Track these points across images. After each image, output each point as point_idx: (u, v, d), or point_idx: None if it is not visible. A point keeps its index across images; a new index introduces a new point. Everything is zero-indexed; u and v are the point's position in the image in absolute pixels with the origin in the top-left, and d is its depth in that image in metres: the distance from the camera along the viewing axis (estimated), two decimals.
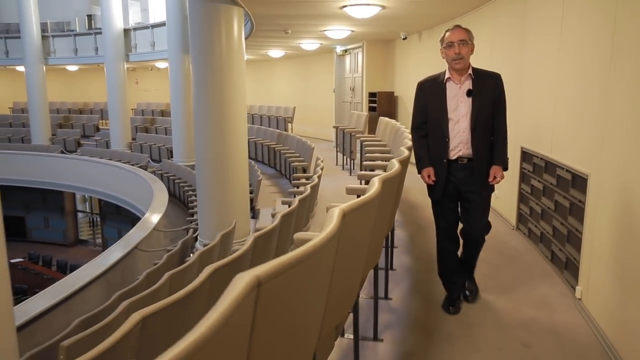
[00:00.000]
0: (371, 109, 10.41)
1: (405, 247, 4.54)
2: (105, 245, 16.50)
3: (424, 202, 6.17)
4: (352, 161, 8.95)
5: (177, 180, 12.44)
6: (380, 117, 7.64)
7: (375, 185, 1.81)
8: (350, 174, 8.73)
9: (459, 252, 3.18)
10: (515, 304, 3.27)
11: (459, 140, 2.89)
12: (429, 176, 2.97)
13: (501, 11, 5.47)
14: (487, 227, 3.11)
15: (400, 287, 3.57)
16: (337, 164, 9.85)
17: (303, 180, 6.95)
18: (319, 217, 6.18)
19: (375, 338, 2.76)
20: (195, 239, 7.67)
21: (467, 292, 3.24)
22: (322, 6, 6.44)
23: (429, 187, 3.05)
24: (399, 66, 10.41)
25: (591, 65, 3.13)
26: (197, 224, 8.47)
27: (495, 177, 2.88)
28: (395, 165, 2.37)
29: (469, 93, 2.85)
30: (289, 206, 5.57)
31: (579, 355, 2.66)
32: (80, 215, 19.26)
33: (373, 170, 4.58)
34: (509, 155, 3.03)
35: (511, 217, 4.96)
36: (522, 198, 4.66)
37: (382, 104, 10.13)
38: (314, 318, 1.27)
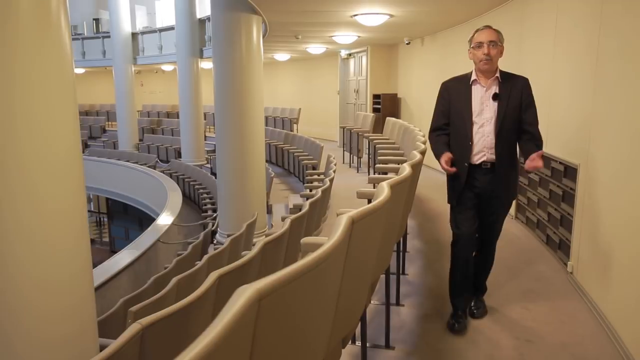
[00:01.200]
0: (375, 110, 10.93)
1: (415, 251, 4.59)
2: (112, 244, 16.91)
3: (433, 196, 6.67)
4: (359, 159, 9.47)
5: (187, 179, 12.89)
6: (387, 117, 8.16)
7: (384, 190, 1.69)
8: (358, 172, 9.24)
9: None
10: (516, 279, 3.77)
11: (483, 144, 2.75)
12: (446, 162, 2.75)
13: (501, 18, 5.99)
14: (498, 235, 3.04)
15: (412, 293, 3.52)
16: (343, 162, 10.36)
17: (315, 177, 7.46)
18: (331, 220, 6.45)
19: (387, 346, 2.68)
20: (213, 232, 8.17)
21: (473, 309, 3.08)
22: (335, 15, 6.95)
23: (449, 190, 2.92)
24: (402, 69, 10.94)
25: (581, 68, 3.62)
26: (212, 219, 8.98)
27: (536, 163, 2.56)
28: (406, 169, 2.22)
29: (495, 97, 2.72)
30: (307, 199, 6.05)
31: (570, 315, 3.17)
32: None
33: (386, 173, 4.45)
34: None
35: (511, 209, 5.47)
36: (520, 190, 5.18)
37: (386, 105, 10.65)
38: (320, 331, 1.22)
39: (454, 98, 2.82)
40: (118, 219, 16.99)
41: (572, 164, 3.76)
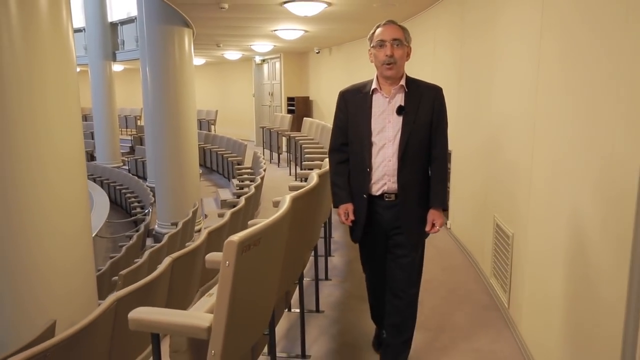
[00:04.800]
0: (290, 111, 12.11)
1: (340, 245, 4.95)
2: None
3: None
4: (278, 155, 10.59)
5: (105, 181, 13.05)
6: (305, 118, 9.39)
7: (314, 178, 2.25)
8: (279, 167, 10.35)
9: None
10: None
11: (384, 171, 2.20)
12: (346, 215, 2.30)
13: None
14: (418, 278, 2.41)
15: (338, 271, 4.00)
16: (264, 159, 11.41)
17: (244, 171, 8.45)
18: (264, 212, 7.05)
19: (317, 310, 3.20)
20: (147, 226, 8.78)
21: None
22: (258, 29, 7.99)
23: (350, 227, 2.38)
24: (312, 74, 12.25)
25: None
26: (144, 214, 9.54)
27: (433, 225, 2.22)
28: (325, 166, 2.59)
29: (400, 110, 2.17)
30: (240, 189, 7.02)
31: (450, 253, 4.53)
32: None
33: (312, 169, 4.74)
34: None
35: None
36: None
37: (299, 107, 11.88)
38: (276, 277, 1.82)
39: (351, 111, 2.26)
40: None
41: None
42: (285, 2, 5.61)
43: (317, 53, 11.28)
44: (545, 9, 2.54)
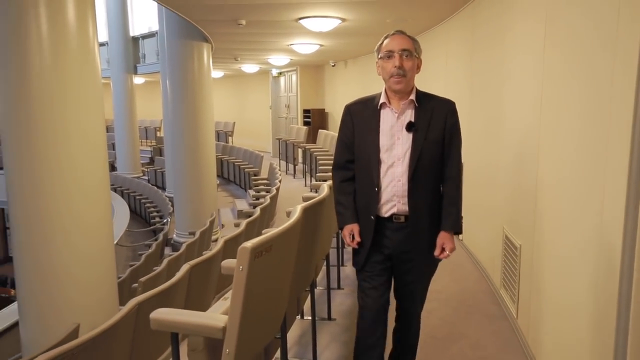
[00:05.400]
0: (306, 123, 12.28)
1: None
2: None
3: None
4: (294, 167, 10.74)
5: (125, 191, 13.36)
6: (320, 130, 9.53)
7: (325, 190, 2.33)
8: (294, 177, 10.49)
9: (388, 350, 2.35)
10: None
11: (393, 191, 2.07)
12: (352, 237, 2.14)
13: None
14: (421, 308, 2.30)
15: (350, 280, 3.94)
16: (279, 169, 11.58)
17: (261, 182, 8.61)
18: (279, 222, 7.46)
19: (329, 318, 3.26)
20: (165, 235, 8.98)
21: None
22: (274, 44, 8.19)
23: (353, 250, 2.21)
24: (328, 87, 12.43)
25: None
26: (163, 224, 9.75)
27: (443, 250, 2.08)
28: (325, 190, 2.45)
29: (410, 126, 2.05)
30: (256, 199, 7.17)
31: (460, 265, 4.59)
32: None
33: (325, 180, 4.74)
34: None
35: None
36: None
37: (315, 119, 12.05)
38: (287, 283, 1.89)
39: (358, 126, 2.14)
40: None
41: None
42: (300, 18, 5.78)
43: (332, 66, 11.47)
44: (548, 23, 2.63)
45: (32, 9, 3.40)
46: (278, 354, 2.19)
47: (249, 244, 1.54)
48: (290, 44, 8.13)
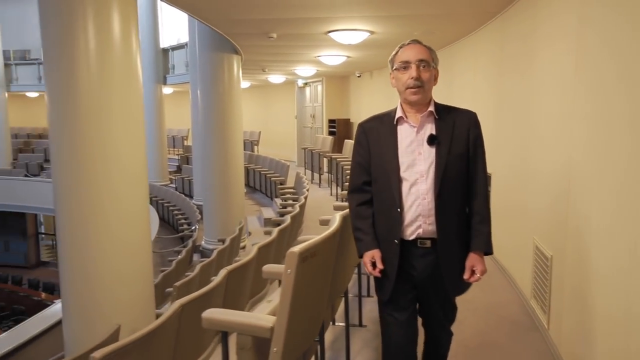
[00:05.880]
0: (331, 133, 12.40)
1: None
2: None
3: None
4: (320, 176, 10.86)
5: (154, 198, 13.67)
6: (346, 140, 9.64)
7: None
8: (320, 187, 10.60)
9: None
10: None
11: (418, 211, 1.92)
12: (373, 264, 1.96)
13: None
14: (451, 337, 2.19)
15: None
16: (306, 179, 11.71)
17: (288, 191, 8.74)
18: (307, 230, 7.07)
19: (360, 325, 3.38)
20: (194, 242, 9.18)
21: None
22: (302, 55, 8.36)
23: (376, 278, 2.02)
24: (353, 97, 12.55)
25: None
26: (191, 231, 9.97)
27: (473, 273, 1.94)
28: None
29: (432, 140, 1.92)
30: (283, 207, 7.28)
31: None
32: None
33: None
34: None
35: None
36: None
37: (340, 129, 12.17)
38: (327, 288, 2.04)
39: (374, 145, 2.01)
40: None
41: None
42: (330, 32, 5.91)
43: (358, 77, 11.58)
44: (579, 47, 2.68)
45: (80, 21, 3.60)
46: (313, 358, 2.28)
47: (297, 249, 1.64)
48: (318, 56, 8.28)
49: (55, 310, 7.05)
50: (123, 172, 3.83)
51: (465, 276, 1.94)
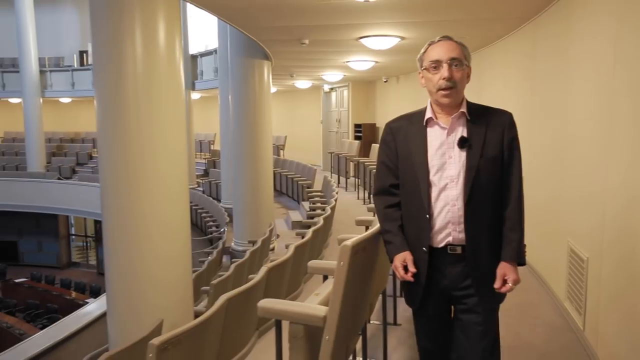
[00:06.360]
0: (357, 137, 12.49)
1: None
2: (99, 267, 17.62)
3: None
4: (346, 180, 10.95)
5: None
6: (373, 144, 9.72)
7: None
8: (346, 190, 10.69)
9: None
10: None
11: (447, 217, 1.84)
12: (405, 267, 1.86)
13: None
14: (493, 351, 1.92)
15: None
16: (334, 182, 11.82)
17: (315, 194, 8.86)
18: (336, 232, 7.12)
19: (395, 323, 3.44)
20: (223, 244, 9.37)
21: None
22: (330, 61, 8.49)
23: (405, 286, 1.98)
24: (379, 102, 12.63)
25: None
26: (220, 233, 10.17)
27: (505, 282, 1.81)
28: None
29: (463, 143, 1.82)
30: (311, 210, 7.38)
31: None
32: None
33: None
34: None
35: None
36: None
37: (366, 133, 12.25)
38: (372, 283, 2.16)
39: (401, 146, 1.92)
40: None
41: None
42: (361, 37, 6.02)
43: (384, 82, 11.66)
44: (619, 42, 2.72)
45: (129, 30, 3.79)
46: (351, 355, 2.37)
47: (349, 242, 1.74)
48: (347, 61, 8.39)
49: (90, 309, 7.33)
50: (165, 175, 4.01)
51: (496, 285, 1.80)
